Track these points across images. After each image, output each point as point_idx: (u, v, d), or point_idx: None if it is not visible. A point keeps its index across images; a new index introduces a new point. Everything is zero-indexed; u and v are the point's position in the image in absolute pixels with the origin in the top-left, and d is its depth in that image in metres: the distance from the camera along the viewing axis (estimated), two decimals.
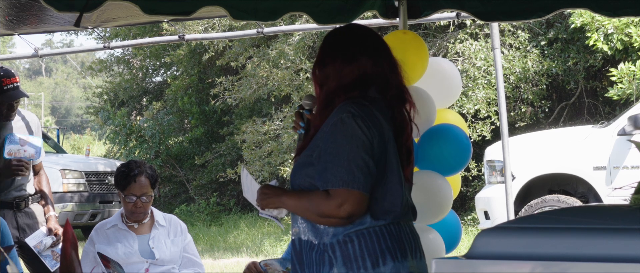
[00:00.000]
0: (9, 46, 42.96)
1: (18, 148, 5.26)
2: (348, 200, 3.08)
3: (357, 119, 3.12)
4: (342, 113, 3.14)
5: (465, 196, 14.30)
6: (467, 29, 14.06)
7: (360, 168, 3.09)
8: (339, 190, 3.08)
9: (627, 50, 12.64)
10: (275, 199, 3.28)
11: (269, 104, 16.90)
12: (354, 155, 3.08)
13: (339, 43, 3.30)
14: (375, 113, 3.18)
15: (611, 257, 2.22)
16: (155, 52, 20.76)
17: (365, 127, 3.12)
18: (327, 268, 3.16)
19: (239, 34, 10.58)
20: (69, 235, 3.70)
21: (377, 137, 3.14)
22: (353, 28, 3.36)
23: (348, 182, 3.07)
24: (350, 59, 3.25)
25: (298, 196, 3.20)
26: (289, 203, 3.24)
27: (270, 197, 3.30)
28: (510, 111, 14.09)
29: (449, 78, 5.32)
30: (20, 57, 11.07)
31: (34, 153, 5.34)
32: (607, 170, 9.97)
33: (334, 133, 3.12)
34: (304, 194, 3.18)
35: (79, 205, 13.98)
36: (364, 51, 3.26)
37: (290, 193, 3.25)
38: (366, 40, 3.30)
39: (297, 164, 3.27)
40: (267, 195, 3.31)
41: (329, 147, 3.12)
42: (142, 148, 19.40)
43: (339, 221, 3.12)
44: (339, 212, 3.09)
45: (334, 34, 3.36)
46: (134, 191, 4.98)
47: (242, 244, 13.41)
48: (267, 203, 3.31)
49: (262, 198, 3.32)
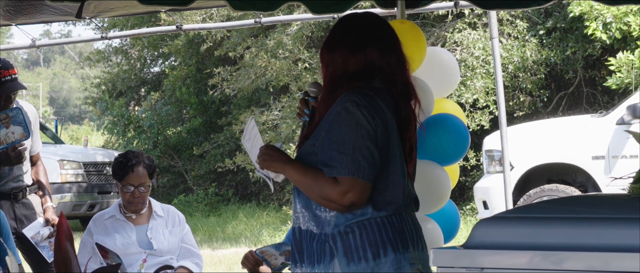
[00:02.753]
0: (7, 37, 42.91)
1: (5, 132, 5.12)
2: (353, 189, 3.06)
3: (362, 108, 3.10)
4: (346, 102, 3.12)
5: (464, 186, 14.30)
6: (465, 18, 14.04)
7: (365, 157, 3.07)
8: (345, 178, 3.06)
9: (625, 39, 12.63)
10: (279, 165, 3.23)
11: (267, 94, 16.89)
12: (359, 144, 3.07)
13: (351, 30, 3.26)
14: (379, 103, 3.16)
15: (610, 247, 2.21)
16: (153, 43, 20.73)
17: (369, 116, 3.10)
18: (327, 258, 3.15)
19: (237, 24, 10.54)
20: (64, 227, 3.69)
21: (381, 127, 3.13)
22: (368, 17, 3.32)
23: (353, 170, 3.06)
24: (358, 48, 3.22)
25: (304, 171, 3.16)
26: (293, 174, 3.19)
27: (273, 161, 3.24)
28: (508, 100, 14.08)
29: (447, 68, 5.31)
30: (18, 48, 11.04)
31: (23, 131, 5.12)
32: (606, 159, 9.97)
33: (338, 121, 3.10)
34: (309, 170, 3.14)
35: (77, 195, 13.97)
36: (373, 41, 3.23)
37: (295, 164, 3.20)
38: (378, 31, 3.26)
39: (300, 153, 3.25)
40: (271, 157, 3.25)
41: (333, 136, 3.10)
42: (140, 138, 19.39)
43: (338, 208, 3.11)
44: (342, 200, 3.07)
45: (348, 20, 3.32)
46: (131, 181, 4.98)
47: (241, 234, 13.41)
48: (269, 166, 3.26)
49: (265, 159, 3.26)
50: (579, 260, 2.23)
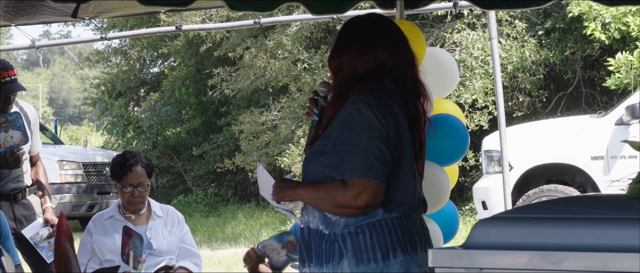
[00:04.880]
0: (7, 37, 42.91)
1: (4, 136, 5.12)
2: (366, 190, 3.06)
3: (374, 109, 3.09)
4: (358, 103, 3.11)
5: (463, 187, 14.30)
6: (464, 19, 14.04)
7: (377, 158, 3.06)
8: (357, 180, 3.05)
9: (624, 39, 12.63)
10: (291, 191, 3.25)
11: (267, 95, 16.90)
12: (371, 145, 3.06)
13: (357, 32, 3.26)
14: (391, 104, 3.15)
15: (609, 247, 2.21)
16: (153, 43, 20.74)
17: (381, 117, 3.09)
18: (336, 258, 3.15)
19: (236, 24, 10.56)
20: (63, 227, 3.69)
21: (393, 128, 3.12)
22: (373, 17, 3.32)
23: (365, 172, 3.05)
24: (366, 49, 3.21)
25: (314, 188, 3.17)
26: (305, 194, 3.20)
27: (285, 190, 3.26)
28: (507, 101, 14.08)
29: (446, 68, 5.31)
30: (17, 49, 11.05)
31: (21, 136, 5.15)
32: (605, 160, 9.98)
33: (350, 122, 3.09)
34: (319, 185, 3.15)
35: (77, 196, 13.97)
36: (381, 41, 3.22)
37: (305, 185, 3.21)
38: (385, 30, 3.26)
39: (310, 152, 3.24)
40: (283, 188, 3.27)
41: (345, 137, 3.09)
42: (139, 139, 19.39)
43: (355, 212, 3.10)
44: (356, 202, 3.07)
45: (353, 22, 3.31)
46: (130, 181, 4.98)
47: (240, 235, 13.41)
48: (283, 196, 3.27)
49: (278, 191, 3.28)
50: (578, 260, 2.23)
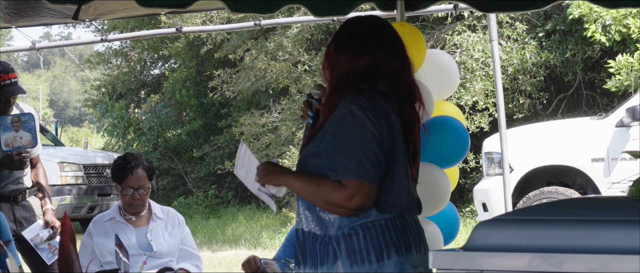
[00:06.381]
0: (7, 39, 42.91)
1: (14, 135, 5.15)
2: (359, 192, 3.06)
3: (367, 111, 3.10)
4: (351, 105, 3.11)
5: (464, 188, 14.30)
6: (464, 20, 14.04)
7: (370, 160, 3.07)
8: (351, 182, 3.06)
9: (625, 41, 12.63)
10: (279, 177, 3.22)
11: (267, 97, 16.90)
12: (365, 147, 3.07)
13: (356, 32, 3.28)
14: (384, 106, 3.16)
15: (610, 249, 2.21)
16: (153, 45, 20.74)
17: (374, 119, 3.10)
18: (331, 260, 3.15)
19: (236, 26, 10.55)
20: (67, 227, 3.70)
21: (386, 130, 3.13)
22: (372, 19, 3.34)
23: (359, 174, 3.05)
24: (363, 50, 3.23)
25: (306, 179, 3.16)
26: (295, 184, 3.19)
27: (273, 173, 3.23)
28: (508, 102, 14.08)
29: (446, 70, 5.31)
30: (18, 50, 11.05)
31: (31, 138, 5.18)
32: (605, 162, 9.97)
33: (343, 124, 3.10)
34: (312, 178, 3.14)
35: (77, 197, 13.97)
36: (378, 43, 3.24)
37: (296, 174, 3.20)
38: (383, 33, 3.28)
39: (304, 155, 3.25)
40: (270, 171, 3.24)
41: (338, 139, 3.09)
42: (140, 140, 19.39)
43: (346, 212, 3.11)
44: (350, 204, 3.07)
45: (352, 22, 3.34)
46: (131, 184, 4.98)
47: (241, 237, 13.41)
48: (269, 180, 3.23)
49: (264, 174, 3.24)
50: (578, 262, 2.23)
